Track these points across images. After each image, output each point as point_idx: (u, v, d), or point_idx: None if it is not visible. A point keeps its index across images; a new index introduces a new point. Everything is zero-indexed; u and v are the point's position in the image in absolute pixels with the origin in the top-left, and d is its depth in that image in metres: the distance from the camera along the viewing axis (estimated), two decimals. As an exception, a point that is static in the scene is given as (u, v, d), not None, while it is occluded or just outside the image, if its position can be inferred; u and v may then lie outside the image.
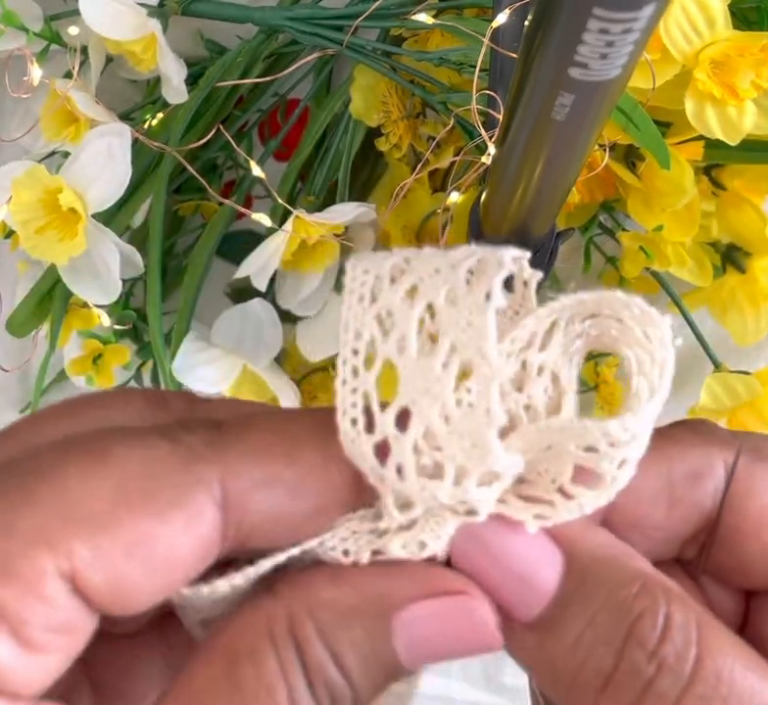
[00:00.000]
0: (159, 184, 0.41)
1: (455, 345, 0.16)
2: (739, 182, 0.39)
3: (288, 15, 0.41)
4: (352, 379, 0.16)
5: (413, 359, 0.16)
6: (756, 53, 0.33)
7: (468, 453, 0.16)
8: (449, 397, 0.16)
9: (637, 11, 0.16)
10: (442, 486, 0.16)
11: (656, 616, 0.16)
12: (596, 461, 0.16)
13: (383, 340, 0.16)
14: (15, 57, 0.42)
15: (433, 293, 0.16)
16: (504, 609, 0.16)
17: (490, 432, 0.16)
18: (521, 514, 0.17)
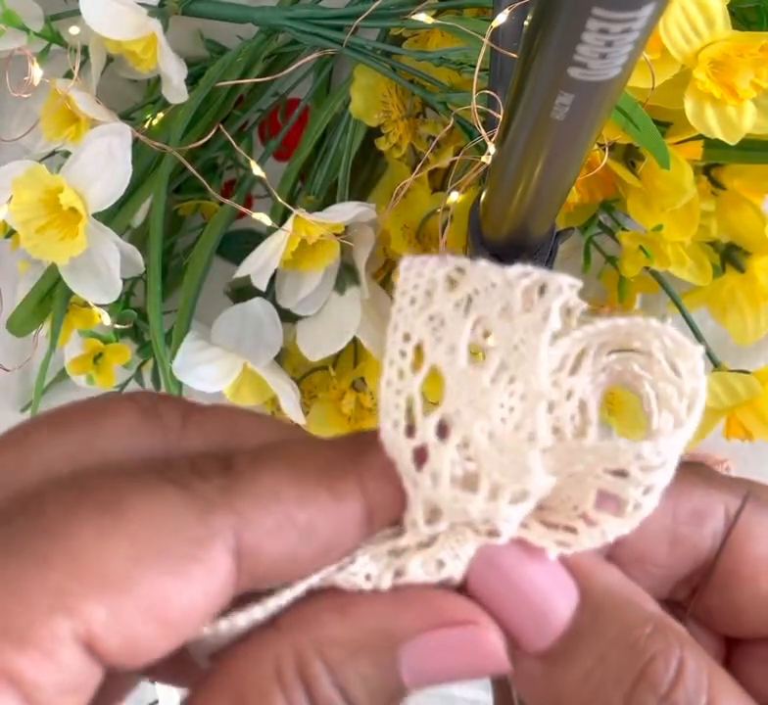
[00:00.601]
0: (159, 184, 0.41)
1: (505, 362, 0.16)
2: (738, 182, 0.39)
3: (288, 15, 0.41)
4: (397, 381, 0.16)
5: (462, 369, 0.16)
6: (756, 53, 0.33)
7: (506, 470, 0.16)
8: (494, 411, 0.16)
9: (636, 11, 0.16)
10: (474, 499, 0.16)
11: (670, 659, 0.16)
12: (621, 487, 0.16)
13: (433, 345, 0.16)
14: (15, 57, 0.42)
15: (488, 307, 0.16)
16: (515, 637, 0.16)
17: (532, 451, 0.16)
18: (543, 540, 0.17)
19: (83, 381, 0.45)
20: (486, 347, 0.16)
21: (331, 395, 0.43)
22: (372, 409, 0.43)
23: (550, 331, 0.16)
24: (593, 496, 0.17)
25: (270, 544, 0.15)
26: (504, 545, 0.16)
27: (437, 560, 0.16)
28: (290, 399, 0.41)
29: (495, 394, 0.16)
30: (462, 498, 0.16)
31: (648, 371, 0.17)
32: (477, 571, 0.17)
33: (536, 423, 0.16)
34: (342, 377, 0.43)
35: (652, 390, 0.17)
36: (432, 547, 0.16)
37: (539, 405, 0.16)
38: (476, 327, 0.16)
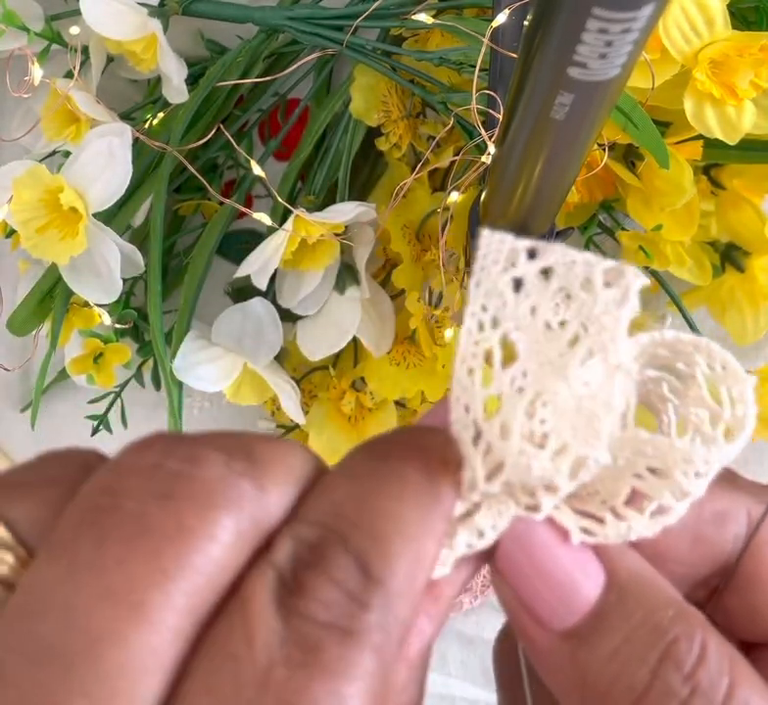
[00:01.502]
0: (159, 184, 0.41)
1: (585, 328, 0.16)
2: (738, 182, 0.39)
3: (288, 15, 0.41)
4: (477, 332, 0.16)
5: (541, 330, 0.16)
6: (755, 53, 0.33)
7: (577, 432, 0.16)
8: (572, 372, 0.16)
9: (636, 11, 0.16)
10: (540, 455, 0.16)
11: (693, 641, 0.16)
12: (657, 488, 0.16)
13: (514, 305, 0.16)
14: (16, 57, 0.42)
15: (569, 278, 0.16)
16: (539, 615, 0.17)
17: (608, 418, 0.16)
18: (570, 523, 0.17)
19: (84, 381, 0.45)
20: (565, 314, 0.16)
21: (331, 394, 0.44)
22: (372, 409, 0.43)
23: (630, 308, 0.16)
24: (625, 493, 0.17)
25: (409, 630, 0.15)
26: (533, 524, 0.17)
27: (478, 530, 0.16)
28: (290, 399, 0.41)
29: (572, 357, 0.16)
30: (529, 452, 0.16)
31: (677, 394, 0.17)
32: (505, 547, 0.17)
33: (613, 392, 0.16)
34: (342, 377, 0.43)
35: (675, 415, 0.17)
36: (475, 516, 0.16)
37: (617, 375, 0.16)
38: (557, 295, 0.16)
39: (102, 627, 0.13)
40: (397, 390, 0.42)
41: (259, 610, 0.14)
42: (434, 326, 0.41)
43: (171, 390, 0.42)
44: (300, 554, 0.15)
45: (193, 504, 0.14)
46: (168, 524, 0.14)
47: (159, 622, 0.13)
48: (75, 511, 0.14)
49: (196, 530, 0.14)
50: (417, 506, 0.15)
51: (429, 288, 0.42)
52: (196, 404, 0.50)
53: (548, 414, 0.16)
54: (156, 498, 0.14)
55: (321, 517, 0.15)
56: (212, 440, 0.15)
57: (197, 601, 0.14)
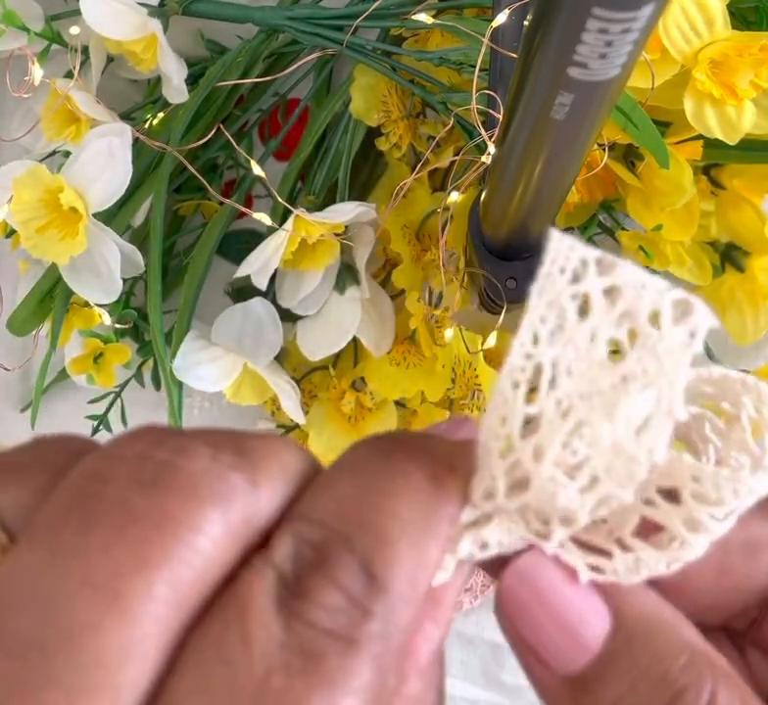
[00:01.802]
0: (159, 184, 0.41)
1: (644, 366, 0.15)
2: (738, 182, 0.39)
3: (288, 15, 0.41)
4: (530, 345, 0.15)
5: (597, 358, 0.15)
6: (755, 53, 0.34)
7: (612, 470, 0.15)
8: (620, 410, 0.15)
9: (636, 11, 0.16)
10: (569, 486, 0.15)
11: (701, 693, 0.15)
12: (671, 516, 0.16)
13: (575, 324, 0.15)
14: (16, 57, 0.42)
15: (636, 305, 0.15)
16: (544, 658, 0.16)
17: (647, 463, 0.15)
18: (576, 561, 0.16)
19: (83, 381, 0.45)
20: (625, 344, 0.15)
21: (331, 394, 0.44)
22: (372, 409, 0.43)
23: (692, 353, 0.15)
24: (633, 522, 0.16)
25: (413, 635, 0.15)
26: (537, 561, 0.16)
27: (483, 542, 0.16)
28: (290, 399, 0.41)
29: (624, 394, 0.15)
30: (559, 481, 0.15)
31: (719, 435, 0.17)
32: (509, 583, 0.16)
33: (660, 440, 0.15)
34: (342, 377, 0.43)
35: (714, 455, 0.17)
36: (483, 528, 0.16)
37: (668, 424, 0.15)
38: (622, 321, 0.15)
39: (81, 616, 0.13)
40: (397, 390, 0.42)
41: (258, 611, 0.14)
42: (434, 326, 0.41)
43: (171, 390, 0.42)
44: (302, 554, 0.14)
45: (179, 495, 0.14)
46: (154, 513, 0.13)
47: (141, 612, 0.13)
48: (60, 497, 0.14)
49: (181, 520, 0.13)
50: (422, 507, 0.15)
51: (429, 288, 0.42)
52: (196, 404, 0.50)
53: (582, 447, 0.15)
54: (142, 487, 0.14)
55: (323, 515, 0.15)
56: (203, 434, 0.15)
57: (183, 594, 0.13)
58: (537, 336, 0.15)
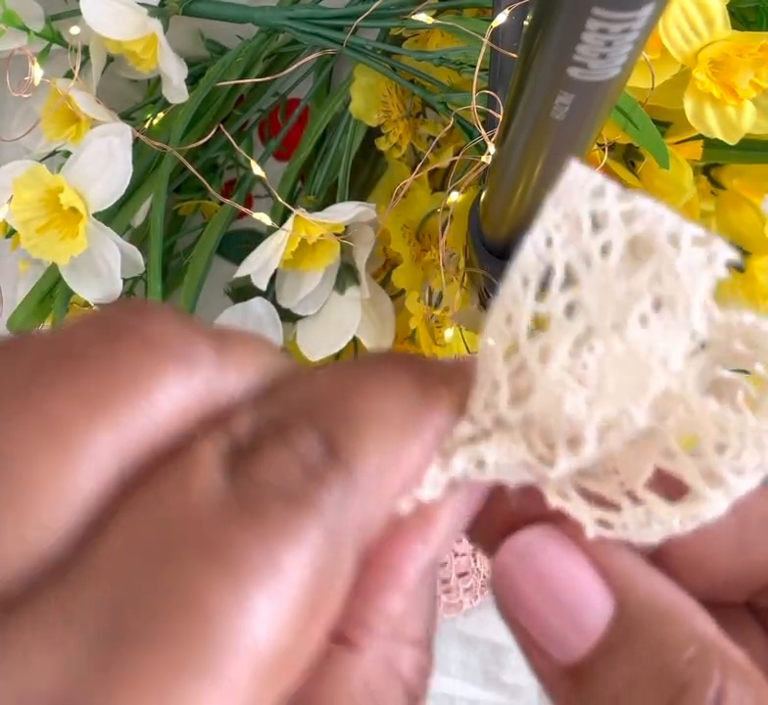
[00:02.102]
0: (159, 184, 0.41)
1: (660, 279, 0.14)
2: (738, 182, 0.39)
3: (288, 15, 0.41)
4: (543, 246, 0.15)
5: (612, 265, 0.14)
6: (755, 53, 0.33)
7: (623, 380, 0.14)
8: (633, 318, 0.14)
9: (636, 11, 0.16)
10: (577, 391, 0.14)
11: (707, 689, 0.14)
12: (689, 468, 0.14)
13: (592, 234, 0.14)
14: (16, 57, 0.42)
15: (654, 227, 0.14)
16: (542, 647, 0.15)
17: (660, 374, 0.14)
18: (583, 515, 0.15)
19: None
20: (642, 260, 0.14)
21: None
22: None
23: (714, 274, 0.14)
24: (647, 473, 0.15)
25: (378, 518, 0.14)
26: (533, 538, 0.15)
27: (479, 459, 0.15)
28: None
29: (639, 301, 0.14)
30: (567, 384, 0.14)
31: (752, 405, 0.15)
32: (504, 562, 0.15)
33: (675, 351, 0.14)
34: (342, 377, 0.43)
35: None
36: (481, 444, 0.15)
37: (683, 336, 0.14)
38: (638, 240, 0.14)
39: (16, 439, 0.12)
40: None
41: (202, 464, 0.12)
42: (434, 326, 0.41)
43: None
44: (260, 428, 0.13)
45: (146, 349, 0.13)
46: (115, 360, 0.12)
47: (82, 453, 0.12)
48: (8, 344, 0.13)
49: (142, 371, 0.12)
50: (403, 409, 0.14)
51: (429, 288, 0.42)
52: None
53: (592, 357, 0.14)
54: (108, 339, 0.13)
55: (292, 398, 0.14)
56: (183, 315, 0.14)
57: (131, 446, 0.12)
58: (550, 240, 0.15)
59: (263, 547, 0.12)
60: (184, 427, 0.13)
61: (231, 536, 0.12)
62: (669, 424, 0.14)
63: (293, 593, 0.12)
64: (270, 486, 0.12)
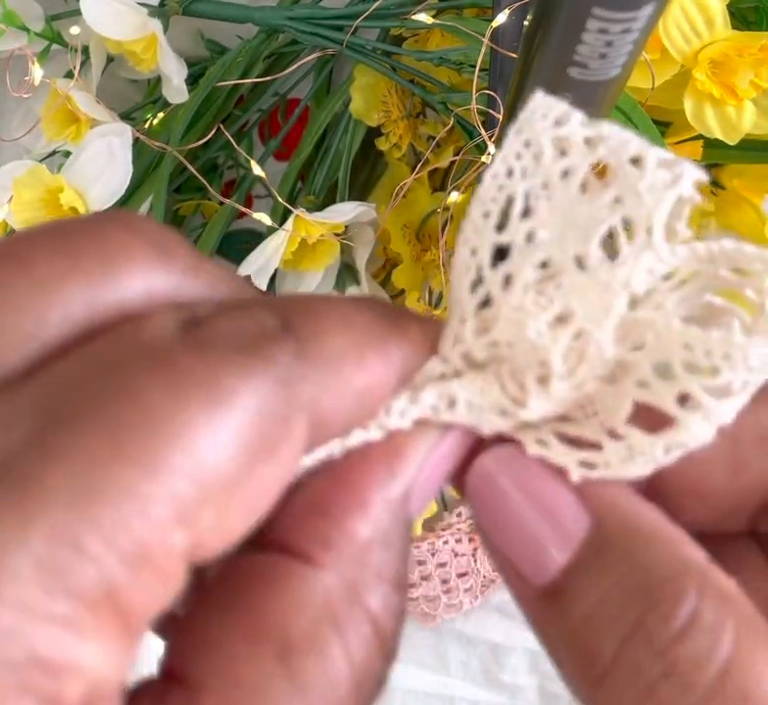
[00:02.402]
0: (159, 184, 0.41)
1: (623, 202, 0.14)
2: (738, 181, 0.39)
3: (288, 15, 0.41)
4: (504, 177, 0.14)
5: (573, 193, 0.14)
6: (755, 53, 0.33)
7: (586, 301, 0.14)
8: (594, 238, 0.14)
9: (636, 11, 0.16)
10: (539, 316, 0.14)
11: (677, 608, 0.13)
12: (665, 394, 0.14)
13: (554, 160, 0.14)
14: (16, 57, 0.42)
15: (618, 151, 0.14)
16: (518, 568, 0.15)
17: (623, 295, 0.14)
18: (564, 459, 0.14)
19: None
20: (604, 184, 0.14)
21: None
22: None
23: (678, 193, 0.14)
24: (626, 409, 0.14)
25: (335, 411, 0.14)
26: (505, 454, 0.15)
27: (450, 396, 0.15)
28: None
29: (600, 226, 0.14)
30: (528, 309, 0.14)
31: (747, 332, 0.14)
32: (485, 467, 0.15)
33: (636, 271, 0.14)
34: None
35: None
36: (453, 381, 0.15)
37: (645, 255, 0.14)
38: (598, 165, 0.14)
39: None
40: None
41: (157, 316, 0.13)
42: (434, 326, 0.41)
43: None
44: (217, 308, 0.13)
45: (128, 233, 0.13)
46: (94, 236, 0.13)
47: (57, 295, 0.13)
48: None
49: (122, 248, 0.13)
50: (373, 325, 0.14)
51: (429, 288, 0.42)
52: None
53: (554, 286, 0.14)
54: (92, 222, 0.14)
55: (255, 301, 0.14)
56: None
57: (99, 302, 0.13)
58: (511, 170, 0.15)
59: (209, 371, 0.12)
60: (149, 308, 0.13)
61: (178, 358, 0.12)
62: (642, 353, 0.14)
63: (235, 424, 0.12)
64: (224, 334, 0.13)
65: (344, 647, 0.13)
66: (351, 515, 0.14)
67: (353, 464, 0.14)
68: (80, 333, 0.13)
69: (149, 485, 0.11)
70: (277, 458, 0.13)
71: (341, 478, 0.14)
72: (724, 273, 0.15)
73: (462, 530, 0.47)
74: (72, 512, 0.11)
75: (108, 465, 0.11)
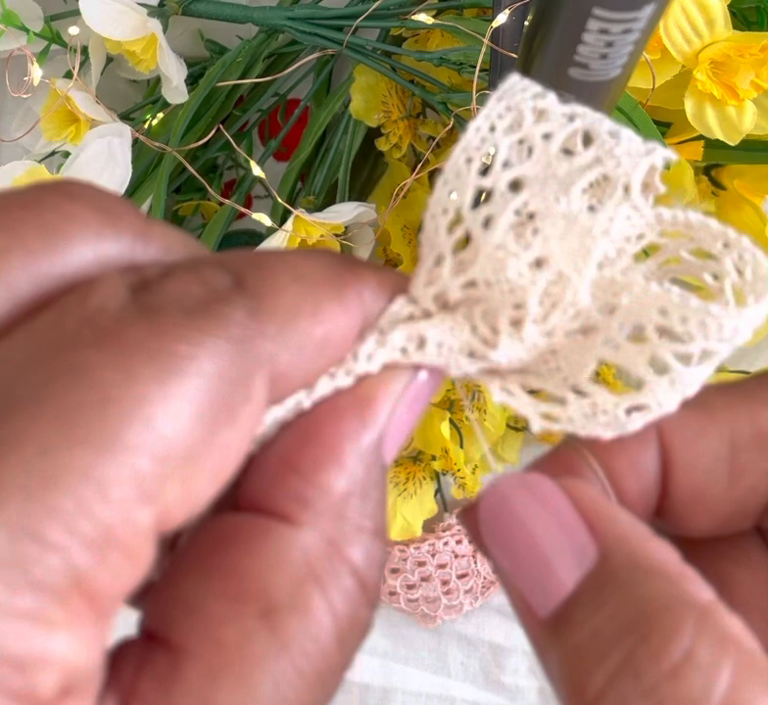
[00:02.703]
0: (159, 184, 0.41)
1: (601, 162, 0.14)
2: (738, 182, 0.39)
3: (288, 15, 0.41)
4: (486, 131, 0.15)
5: (553, 152, 0.15)
6: (756, 53, 0.33)
7: (564, 246, 0.14)
8: (575, 191, 0.14)
9: (637, 11, 0.16)
10: (520, 255, 0.14)
11: (669, 644, 0.12)
12: (632, 357, 0.14)
13: (533, 124, 0.15)
14: (15, 57, 0.42)
15: (593, 125, 0.15)
16: (525, 598, 0.15)
17: (602, 241, 0.14)
18: (527, 410, 0.15)
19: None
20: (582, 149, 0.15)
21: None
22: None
23: (650, 162, 0.14)
24: (591, 367, 0.14)
25: (296, 364, 0.14)
26: (528, 476, 0.15)
27: (420, 336, 0.14)
28: (290, 400, 0.41)
29: (581, 178, 0.14)
30: (510, 248, 0.14)
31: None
32: (488, 511, 0.15)
33: (613, 222, 0.14)
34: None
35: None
36: (422, 322, 0.15)
37: (622, 208, 0.14)
38: (577, 133, 0.15)
39: None
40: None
41: (104, 279, 0.12)
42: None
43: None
44: (168, 269, 0.13)
45: (67, 199, 0.13)
46: (32, 205, 0.13)
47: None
48: None
49: (63, 216, 0.13)
50: (326, 272, 0.14)
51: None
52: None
53: (534, 228, 0.14)
54: (31, 192, 0.13)
55: (202, 259, 0.14)
56: None
57: (44, 274, 0.12)
58: (494, 126, 0.15)
59: (159, 340, 0.12)
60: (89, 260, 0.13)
61: (126, 330, 0.12)
62: (615, 314, 0.14)
63: (190, 392, 0.12)
64: (173, 298, 0.12)
65: (326, 601, 0.13)
66: (325, 470, 0.14)
67: (322, 415, 0.14)
68: (26, 309, 0.12)
69: (106, 466, 0.11)
70: (238, 421, 0.12)
71: (311, 431, 0.14)
72: (685, 255, 0.15)
73: (463, 531, 0.47)
74: (29, 503, 0.11)
75: (62, 450, 0.11)
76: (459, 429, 0.43)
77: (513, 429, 0.45)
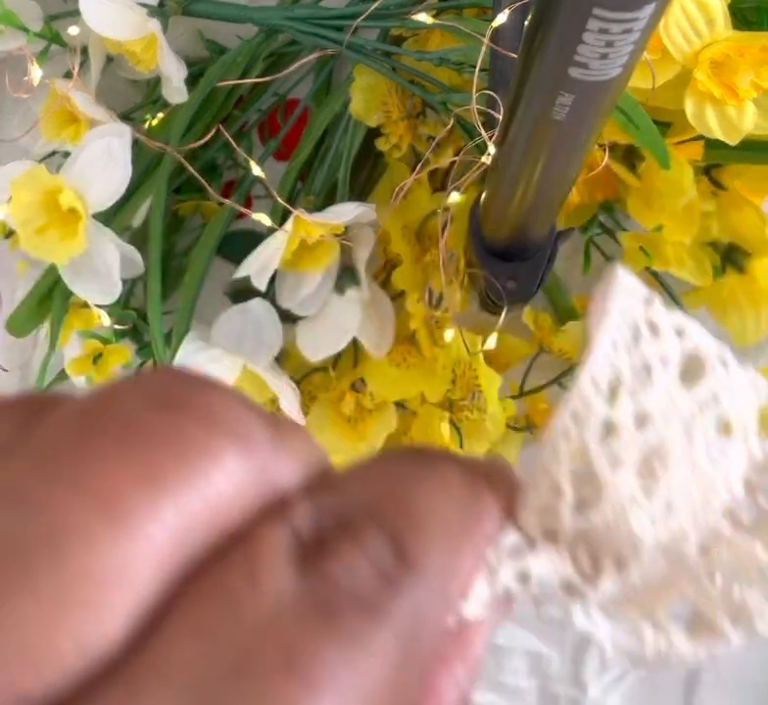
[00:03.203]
0: (159, 184, 0.41)
1: (717, 396, 0.14)
2: (739, 182, 0.39)
3: (288, 15, 0.41)
4: (610, 349, 0.14)
5: (672, 381, 0.14)
6: (756, 53, 0.33)
7: (686, 499, 0.14)
8: (698, 431, 0.14)
9: (637, 11, 0.16)
10: (645, 507, 0.14)
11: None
12: (721, 607, 0.14)
13: (651, 341, 0.14)
14: (15, 57, 0.42)
15: (703, 346, 0.15)
16: None
17: (720, 495, 0.14)
18: (603, 636, 0.14)
19: (83, 382, 0.45)
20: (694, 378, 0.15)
21: (331, 395, 0.43)
22: (372, 410, 0.43)
23: (761, 397, 0.15)
24: (672, 599, 0.14)
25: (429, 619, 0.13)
26: None
27: (524, 573, 0.14)
28: (290, 400, 0.41)
29: (702, 420, 0.14)
30: (637, 498, 0.14)
31: None
32: None
33: (736, 471, 0.14)
34: (342, 378, 0.43)
35: None
36: (527, 555, 0.14)
37: (744, 456, 0.14)
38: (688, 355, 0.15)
39: (70, 518, 0.11)
40: (397, 391, 0.42)
41: (269, 555, 0.12)
42: (434, 327, 0.41)
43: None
44: (323, 521, 0.12)
45: (201, 423, 0.12)
46: (170, 433, 0.12)
47: (142, 531, 0.11)
48: (58, 417, 0.12)
49: (201, 448, 0.12)
50: (458, 507, 0.13)
51: (429, 289, 0.42)
52: (196, 405, 0.50)
53: (661, 477, 0.14)
54: (159, 407, 0.12)
55: (350, 490, 0.13)
56: None
57: (191, 527, 0.11)
58: (615, 344, 0.14)
59: (344, 660, 0.11)
60: (242, 512, 0.12)
61: (310, 646, 0.11)
62: (709, 558, 0.14)
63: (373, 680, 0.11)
64: (344, 590, 0.12)
65: None
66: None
67: (431, 664, 0.13)
68: (178, 572, 0.11)
69: None
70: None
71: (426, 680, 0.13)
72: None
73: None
74: None
75: None
76: (459, 429, 0.43)
77: (513, 429, 0.45)
